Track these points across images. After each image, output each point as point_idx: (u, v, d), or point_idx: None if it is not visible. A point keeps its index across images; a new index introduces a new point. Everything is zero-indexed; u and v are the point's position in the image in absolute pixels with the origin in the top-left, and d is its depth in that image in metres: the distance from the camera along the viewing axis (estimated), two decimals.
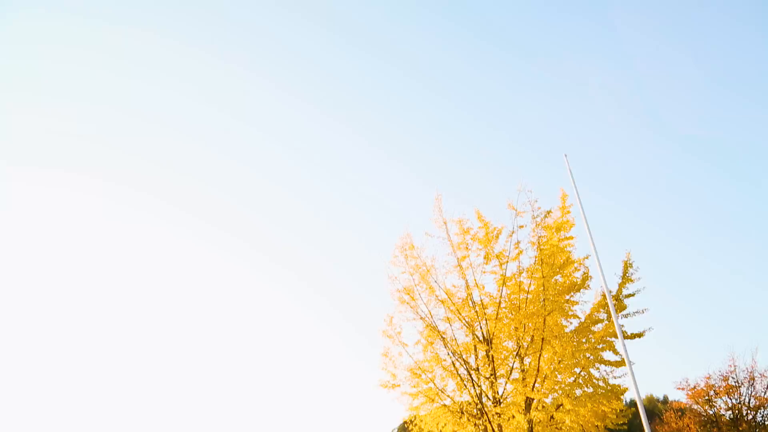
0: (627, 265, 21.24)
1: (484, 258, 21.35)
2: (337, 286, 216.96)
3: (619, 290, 20.98)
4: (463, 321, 21.46)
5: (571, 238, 20.88)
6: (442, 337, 21.52)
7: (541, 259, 20.30)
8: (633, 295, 20.97)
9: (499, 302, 20.95)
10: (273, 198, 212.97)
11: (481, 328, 21.22)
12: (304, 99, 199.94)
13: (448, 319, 21.65)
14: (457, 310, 21.46)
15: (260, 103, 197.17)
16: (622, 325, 20.43)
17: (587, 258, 21.14)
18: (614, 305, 19.14)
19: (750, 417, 33.98)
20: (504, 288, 21.01)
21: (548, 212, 21.16)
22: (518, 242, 20.99)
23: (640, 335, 20.55)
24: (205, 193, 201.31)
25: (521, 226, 21.08)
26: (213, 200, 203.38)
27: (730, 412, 34.77)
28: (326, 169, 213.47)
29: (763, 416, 34.25)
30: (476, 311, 21.30)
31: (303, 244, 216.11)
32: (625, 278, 21.04)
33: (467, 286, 21.57)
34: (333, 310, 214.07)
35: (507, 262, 20.99)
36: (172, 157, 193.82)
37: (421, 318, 21.89)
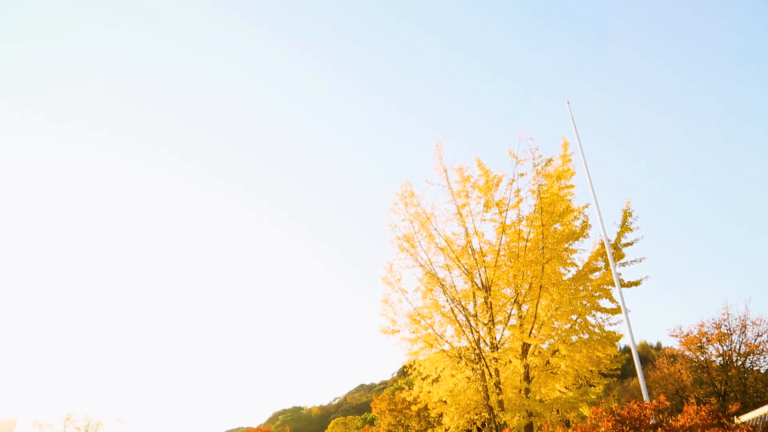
0: (626, 214, 21.25)
1: (484, 206, 21.32)
2: (339, 234, 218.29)
3: (618, 239, 21.05)
4: (463, 268, 21.59)
5: (572, 186, 20.82)
6: (441, 284, 21.69)
7: (541, 208, 20.29)
8: (631, 244, 21.07)
9: (498, 250, 21.03)
10: (275, 146, 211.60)
11: (480, 275, 21.38)
12: (303, 42, 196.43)
13: (447, 266, 21.78)
14: (457, 257, 21.57)
15: (263, 49, 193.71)
16: (620, 274, 20.55)
17: (587, 206, 21.14)
18: (612, 254, 19.22)
19: (739, 363, 34.70)
20: (503, 236, 21.07)
21: (549, 160, 21.02)
22: (518, 190, 20.95)
23: (636, 283, 20.71)
24: (206, 140, 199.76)
25: (522, 174, 20.99)
26: (215, 147, 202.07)
27: (720, 358, 35.49)
28: (327, 116, 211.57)
29: (751, 362, 35.00)
30: (475, 259, 21.40)
31: (304, 192, 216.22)
32: (624, 227, 21.08)
33: (467, 234, 21.61)
34: (334, 258, 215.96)
35: (507, 210, 20.98)
36: (173, 102, 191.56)
37: (421, 265, 22.01)
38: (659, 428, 8.38)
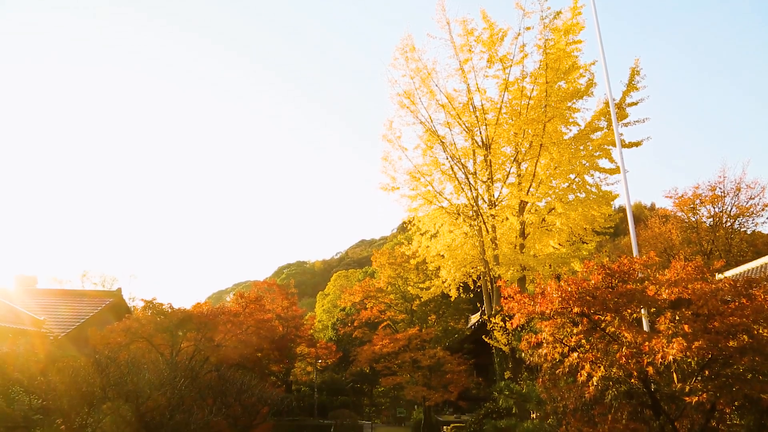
0: (634, 72, 20.53)
1: (488, 61, 20.62)
2: (340, 94, 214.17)
3: (623, 98, 20.54)
4: (463, 126, 21.38)
5: (580, 42, 19.95)
6: (441, 141, 21.60)
7: (546, 64, 19.63)
8: (636, 103, 20.59)
9: (500, 107, 20.67)
10: (269, 4, 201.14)
11: (480, 133, 21.21)
12: None
13: (448, 123, 21.55)
14: (458, 114, 21.27)
15: None
16: (621, 134, 20.37)
17: (593, 64, 20.43)
18: (616, 113, 18.93)
19: (728, 224, 35.55)
20: (506, 93, 20.60)
21: (558, 13, 19.94)
22: (524, 45, 20.15)
23: (637, 144, 20.55)
24: (202, 6, 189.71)
25: (528, 28, 20.07)
26: (211, 13, 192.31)
27: (710, 219, 36.32)
28: None
29: (740, 223, 35.86)
30: (476, 116, 21.12)
31: (303, 53, 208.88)
32: (630, 86, 20.47)
33: (468, 91, 21.13)
34: (336, 118, 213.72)
35: (511, 66, 20.32)
36: None
37: (421, 122, 21.78)
38: (646, 281, 8.70)
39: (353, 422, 28.27)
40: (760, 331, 7.45)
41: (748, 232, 37.08)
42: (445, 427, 27.34)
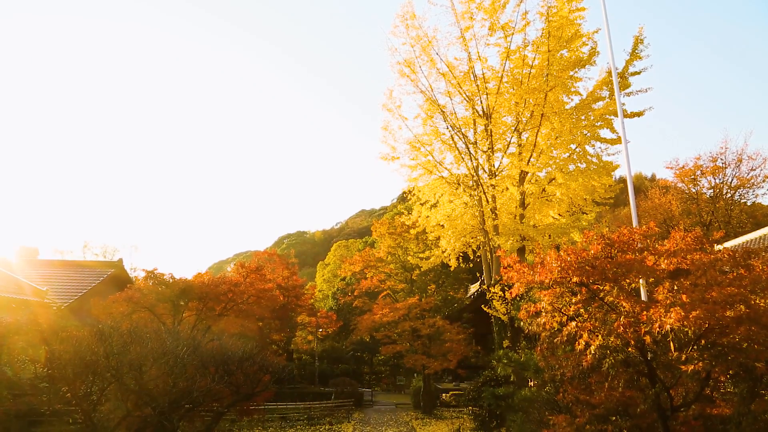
0: (637, 41, 20.27)
1: (489, 29, 20.35)
2: (340, 65, 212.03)
3: (626, 67, 20.34)
4: (464, 95, 21.21)
5: (583, 9, 19.67)
6: (441, 111, 21.46)
7: (549, 32, 19.38)
8: (639, 73, 20.39)
9: (501, 76, 20.47)
10: None
11: (481, 102, 21.05)
12: None
13: (448, 93, 21.38)
14: (458, 83, 21.08)
15: None
16: (624, 104, 20.22)
17: (597, 32, 20.18)
18: (618, 83, 18.72)
19: (729, 196, 35.55)
20: (507, 62, 20.38)
21: None
22: (526, 12, 19.86)
23: (639, 114, 20.42)
24: None
25: None
26: None
27: (711, 191, 36.30)
28: None
29: (740, 195, 35.85)
30: (477, 85, 20.93)
31: (299, 19, 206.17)
32: (634, 55, 20.24)
33: (469, 59, 20.91)
34: (336, 89, 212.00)
35: (512, 34, 20.06)
36: None
37: (422, 91, 21.60)
38: (645, 252, 8.71)
39: (353, 390, 28.66)
40: (757, 301, 7.50)
41: (749, 204, 37.11)
42: (444, 394, 27.75)
